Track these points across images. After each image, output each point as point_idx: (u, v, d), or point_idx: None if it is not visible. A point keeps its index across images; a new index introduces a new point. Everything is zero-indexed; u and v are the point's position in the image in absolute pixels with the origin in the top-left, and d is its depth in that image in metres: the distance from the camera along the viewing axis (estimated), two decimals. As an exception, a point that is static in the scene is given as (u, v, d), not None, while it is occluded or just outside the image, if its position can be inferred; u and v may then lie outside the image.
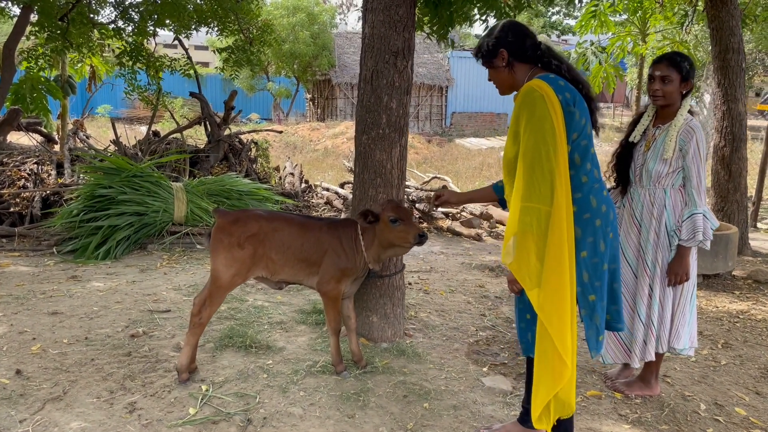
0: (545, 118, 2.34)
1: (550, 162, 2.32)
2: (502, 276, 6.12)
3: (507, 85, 2.68)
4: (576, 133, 2.42)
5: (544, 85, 2.40)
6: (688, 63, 3.32)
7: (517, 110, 2.45)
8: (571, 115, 2.40)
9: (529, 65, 2.61)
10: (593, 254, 2.48)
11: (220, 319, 4.42)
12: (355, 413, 3.19)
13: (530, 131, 2.36)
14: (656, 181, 3.36)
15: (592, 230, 2.47)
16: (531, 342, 2.58)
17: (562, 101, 2.39)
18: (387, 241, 3.36)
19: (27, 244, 6.45)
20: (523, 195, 2.36)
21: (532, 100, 2.38)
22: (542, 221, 2.32)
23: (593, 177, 2.50)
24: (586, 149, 2.47)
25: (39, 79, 8.34)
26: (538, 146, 2.33)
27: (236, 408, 3.18)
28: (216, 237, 3.37)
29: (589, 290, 2.49)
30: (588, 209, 2.47)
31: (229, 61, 8.78)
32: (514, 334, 4.45)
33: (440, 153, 20.24)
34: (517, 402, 3.38)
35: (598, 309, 2.52)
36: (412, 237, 3.27)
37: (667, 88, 3.31)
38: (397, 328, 4.18)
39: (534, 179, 2.33)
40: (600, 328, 2.54)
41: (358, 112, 4.03)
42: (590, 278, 2.48)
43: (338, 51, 27.25)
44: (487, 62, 2.68)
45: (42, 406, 3.13)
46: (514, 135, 2.48)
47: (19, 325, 4.20)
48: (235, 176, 7.58)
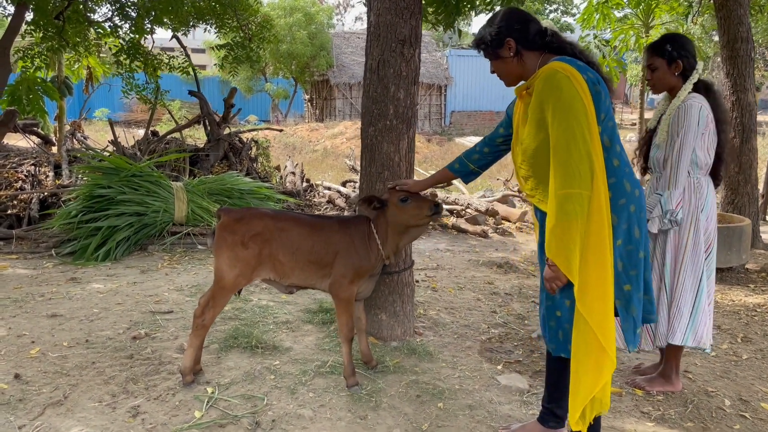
0: (575, 99, 2.21)
1: (586, 144, 2.19)
2: (510, 272, 6.00)
3: (515, 75, 2.55)
4: (603, 113, 2.30)
5: (566, 66, 2.28)
6: (670, 44, 3.25)
7: (539, 96, 2.31)
8: (598, 95, 2.27)
9: (538, 52, 2.48)
10: (628, 241, 2.35)
11: (224, 320, 4.29)
12: (367, 414, 3.07)
13: (561, 114, 2.22)
14: (659, 168, 3.31)
15: (626, 216, 2.34)
16: (562, 341, 2.45)
17: (588, 81, 2.26)
18: (402, 224, 3.20)
19: (25, 247, 6.32)
20: (563, 182, 2.21)
21: (557, 82, 2.25)
22: (585, 206, 2.18)
23: (624, 160, 2.38)
24: (614, 130, 2.36)
25: (35, 80, 8.20)
26: (572, 128, 2.19)
27: (243, 410, 3.07)
28: (219, 235, 3.24)
29: (624, 280, 2.36)
30: (623, 194, 2.34)
31: (228, 58, 8.66)
32: (527, 331, 4.33)
33: (440, 152, 20.14)
34: (535, 401, 3.26)
35: (635, 300, 2.38)
36: (427, 209, 3.13)
37: (655, 75, 3.30)
38: (407, 327, 4.06)
39: (572, 163, 2.19)
40: (637, 321, 2.40)
41: (363, 103, 3.91)
42: (625, 267, 2.35)
43: (336, 51, 27.16)
44: (492, 54, 2.54)
45: (42, 411, 3.01)
46: (537, 123, 2.35)
47: (18, 328, 4.08)
48: (236, 175, 7.46)
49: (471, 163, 3.04)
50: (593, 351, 2.23)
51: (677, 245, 3.27)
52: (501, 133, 2.89)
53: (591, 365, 2.24)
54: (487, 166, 3.06)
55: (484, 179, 13.45)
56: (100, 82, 11.31)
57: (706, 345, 3.28)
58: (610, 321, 2.23)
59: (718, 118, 3.24)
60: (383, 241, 3.26)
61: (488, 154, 2.99)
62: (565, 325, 2.41)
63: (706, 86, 3.26)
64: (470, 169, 3.05)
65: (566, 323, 2.41)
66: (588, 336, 2.23)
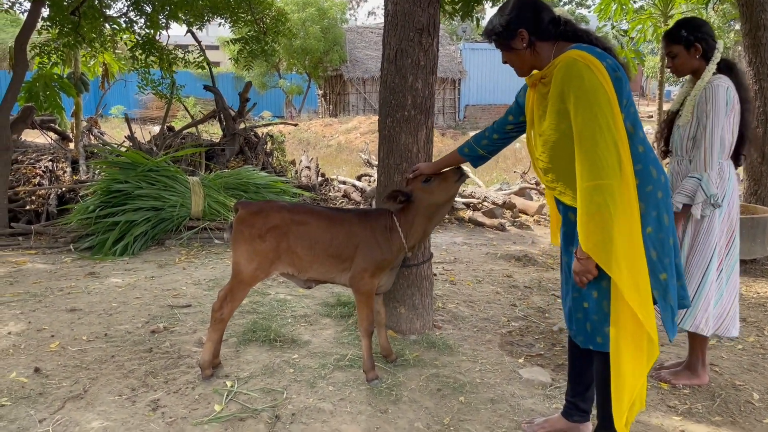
0: (598, 88, 2.14)
1: (612, 132, 2.12)
2: (529, 265, 5.94)
3: (527, 66, 2.47)
4: (626, 99, 2.23)
5: (585, 54, 2.20)
6: (685, 29, 3.19)
7: (559, 86, 2.24)
8: (619, 81, 2.20)
9: (552, 41, 2.39)
10: (659, 229, 2.28)
11: (242, 313, 4.28)
12: (387, 408, 3.04)
13: (584, 104, 2.15)
14: (682, 151, 3.26)
15: (654, 203, 2.27)
16: (590, 333, 2.38)
17: (608, 68, 2.19)
18: (433, 204, 3.16)
19: (44, 242, 6.36)
20: (590, 173, 2.14)
21: (578, 71, 2.17)
22: (615, 197, 2.12)
23: (648, 146, 2.31)
24: (636, 116, 2.29)
25: (52, 76, 8.24)
26: (597, 118, 2.12)
27: (263, 404, 3.04)
28: (237, 229, 3.21)
29: (659, 269, 2.28)
30: (650, 181, 2.27)
31: (242, 52, 8.63)
32: (548, 324, 4.27)
33: (455, 146, 19.90)
34: (558, 394, 3.20)
35: (671, 288, 2.31)
36: (453, 179, 3.12)
37: (676, 62, 3.25)
38: (426, 320, 4.01)
39: (599, 154, 2.12)
40: (675, 309, 2.34)
41: (381, 93, 3.86)
42: (659, 256, 2.28)
43: (349, 46, 27.08)
44: (504, 44, 2.45)
45: (62, 405, 3.01)
46: (558, 114, 2.28)
47: (37, 322, 4.09)
48: (251, 169, 7.44)
49: (480, 148, 3.00)
50: (634, 344, 2.19)
51: (695, 230, 3.21)
52: (510, 121, 2.84)
53: (631, 360, 2.19)
54: (496, 152, 3.03)
55: (500, 172, 13.36)
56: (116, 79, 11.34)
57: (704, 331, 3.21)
58: (650, 308, 2.18)
59: (742, 97, 3.18)
60: (407, 233, 3.21)
61: (497, 140, 2.94)
62: (593, 317, 2.35)
63: (729, 66, 3.20)
64: (479, 153, 3.01)
65: (594, 315, 2.35)
66: (627, 329, 2.18)
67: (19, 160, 7.52)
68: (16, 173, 7.26)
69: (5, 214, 6.52)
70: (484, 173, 13.25)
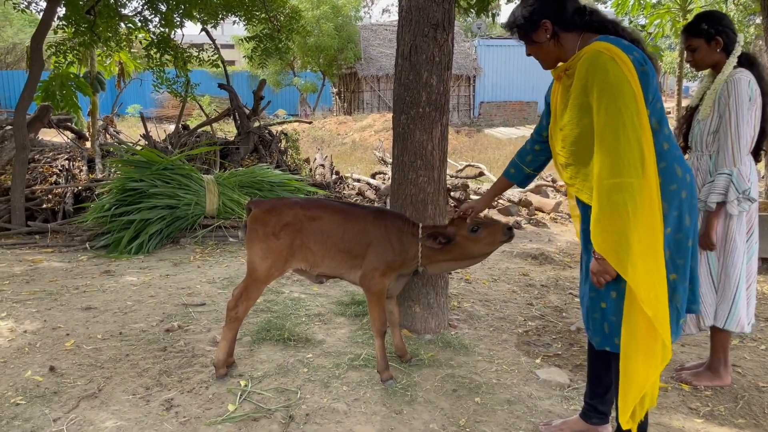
0: (623, 81, 2.07)
1: (636, 129, 2.05)
2: (546, 264, 5.86)
3: (552, 58, 2.40)
4: (651, 95, 2.16)
5: (611, 46, 2.13)
6: (706, 22, 3.13)
7: (582, 79, 2.17)
8: (646, 75, 2.13)
9: (577, 32, 2.32)
10: (678, 229, 2.21)
11: (256, 312, 4.26)
12: (402, 408, 3.00)
13: (608, 98, 2.08)
14: (702, 146, 3.18)
15: (677, 203, 2.20)
16: (608, 334, 2.32)
17: (634, 61, 2.11)
18: (471, 254, 3.10)
19: (60, 240, 6.40)
20: (611, 171, 2.07)
21: (603, 63, 2.10)
22: (635, 197, 2.04)
23: (674, 143, 2.24)
24: (662, 112, 2.22)
25: (68, 75, 8.30)
26: (621, 114, 2.05)
27: (277, 404, 3.02)
28: (251, 227, 3.20)
29: (670, 269, 2.21)
30: (674, 179, 2.19)
31: (257, 50, 8.63)
32: (565, 324, 4.20)
33: (470, 143, 19.91)
34: (577, 395, 3.14)
35: (680, 289, 2.24)
36: (500, 234, 2.99)
37: (696, 56, 3.19)
38: (441, 319, 3.97)
39: (621, 151, 2.05)
40: (681, 311, 2.27)
41: (395, 90, 3.81)
42: (672, 256, 2.21)
43: (364, 43, 27.02)
44: (527, 37, 2.38)
45: (76, 404, 3.01)
46: (580, 108, 2.21)
47: (53, 321, 4.10)
48: (266, 167, 7.44)
49: (525, 166, 2.87)
50: (645, 345, 2.12)
51: (723, 226, 3.14)
52: (545, 125, 2.71)
53: (642, 359, 2.13)
54: (543, 166, 2.89)
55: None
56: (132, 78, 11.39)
57: (746, 328, 3.18)
58: (665, 312, 2.11)
59: (764, 90, 3.10)
60: (426, 255, 3.16)
61: (540, 152, 2.82)
62: (610, 318, 2.29)
63: (750, 59, 3.12)
64: (526, 173, 2.89)
65: (612, 316, 2.28)
66: (639, 329, 2.12)
67: (35, 159, 7.57)
68: (33, 172, 7.31)
69: (22, 213, 6.57)
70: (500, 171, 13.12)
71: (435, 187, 3.80)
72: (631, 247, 2.06)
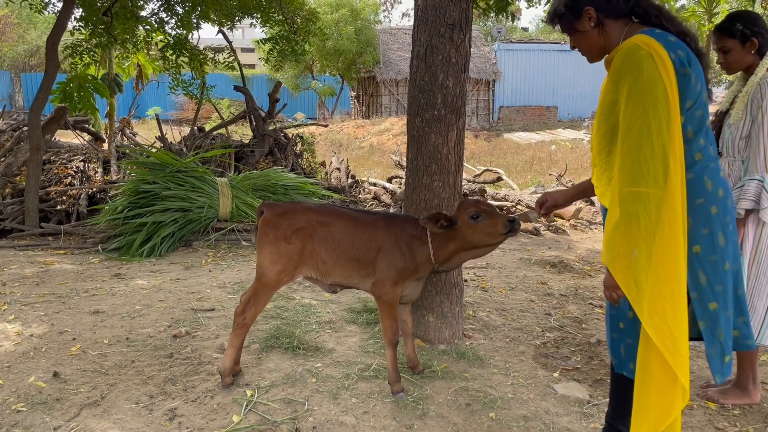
0: (656, 82, 1.89)
1: (662, 136, 1.87)
2: (565, 272, 5.70)
3: (598, 48, 2.22)
4: (691, 101, 1.98)
5: (651, 42, 1.95)
6: (740, 23, 2.98)
7: (615, 74, 2.01)
8: (686, 78, 1.95)
9: (624, 20, 2.15)
10: (711, 250, 2.02)
11: (266, 318, 4.16)
12: (413, 423, 2.88)
13: (637, 98, 1.91)
14: (734, 151, 3.04)
15: (706, 219, 2.02)
16: (624, 357, 2.15)
17: (675, 61, 1.94)
18: (471, 243, 2.95)
19: (72, 242, 6.37)
20: (629, 178, 1.90)
21: (638, 59, 1.93)
22: (652, 210, 1.86)
23: (708, 154, 2.05)
24: (701, 121, 2.03)
25: (86, 77, 8.31)
26: (647, 117, 1.88)
27: (283, 415, 2.91)
28: (262, 230, 3.11)
29: (709, 296, 2.02)
30: (702, 193, 2.01)
31: (272, 52, 8.57)
32: (585, 336, 4.05)
33: (488, 148, 19.72)
34: (597, 412, 2.99)
35: (722, 321, 2.03)
36: (501, 226, 2.83)
37: (729, 57, 3.04)
38: (455, 329, 3.83)
39: (642, 158, 1.88)
40: (725, 346, 2.05)
41: (410, 92, 3.70)
42: (709, 281, 2.01)
43: (383, 47, 26.95)
44: (570, 27, 2.21)
45: (78, 412, 2.93)
46: (610, 104, 2.05)
47: (60, 324, 4.04)
48: (280, 170, 7.36)
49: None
50: (660, 381, 1.91)
51: (754, 235, 2.98)
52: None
53: (657, 398, 1.92)
54: None
55: (535, 174, 13.08)
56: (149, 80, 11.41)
57: None
58: (683, 343, 1.89)
59: None
60: (437, 252, 3.03)
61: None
62: (627, 340, 2.11)
63: None
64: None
65: (628, 338, 2.10)
66: (653, 362, 1.91)
67: (51, 160, 7.57)
68: (48, 173, 7.31)
69: (36, 214, 6.56)
70: (518, 176, 12.98)
71: (450, 193, 3.67)
72: (644, 265, 1.88)
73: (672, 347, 1.87)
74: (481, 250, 3.04)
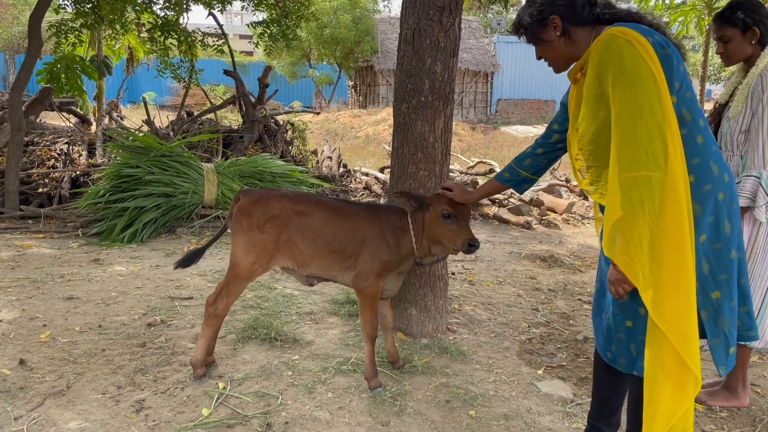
0: (640, 65, 1.81)
1: (656, 116, 1.78)
2: (555, 267, 5.59)
3: (564, 58, 2.16)
4: (678, 81, 1.89)
5: (626, 30, 1.89)
6: (742, 11, 2.86)
7: (596, 68, 1.92)
8: (668, 59, 1.86)
9: (590, 26, 2.08)
10: (716, 238, 1.92)
11: (244, 308, 4.05)
12: (389, 420, 2.77)
13: (623, 84, 1.83)
14: (733, 146, 2.92)
15: (713, 206, 1.91)
16: (636, 356, 2.02)
17: (654, 44, 1.86)
18: (432, 236, 2.87)
19: (53, 226, 6.22)
20: (627, 164, 1.81)
21: (617, 48, 1.86)
22: (656, 193, 1.77)
23: (710, 138, 1.95)
24: (693, 102, 1.93)
25: (74, 58, 8.13)
26: (638, 100, 1.80)
27: (255, 410, 2.81)
28: (236, 218, 2.98)
29: (711, 285, 1.92)
30: (709, 179, 1.91)
31: (263, 36, 8.39)
32: (572, 332, 3.94)
33: (485, 140, 19.58)
34: (580, 412, 2.89)
35: (726, 311, 1.94)
36: (460, 242, 2.76)
37: (729, 47, 2.93)
38: (438, 323, 3.72)
39: (638, 141, 1.79)
40: (730, 337, 1.96)
41: (397, 77, 3.57)
42: (712, 270, 1.92)
43: (381, 37, 26.70)
44: (536, 37, 2.15)
45: (42, 402, 2.82)
46: (596, 99, 1.95)
47: (32, 310, 3.91)
48: (268, 157, 7.20)
49: (523, 169, 2.62)
50: (672, 371, 1.83)
51: (750, 234, 2.87)
52: (556, 129, 2.47)
53: (669, 388, 1.84)
54: (543, 171, 2.64)
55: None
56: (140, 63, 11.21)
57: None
58: (693, 332, 1.82)
59: None
60: (418, 236, 2.92)
61: (542, 156, 2.57)
62: (639, 337, 1.99)
63: None
64: (522, 176, 2.63)
65: (640, 335, 1.97)
66: (666, 353, 1.83)
67: (34, 141, 7.40)
68: (31, 155, 7.14)
69: (16, 197, 6.40)
70: (513, 169, 12.83)
71: (436, 182, 3.54)
72: (655, 254, 1.80)
73: (681, 336, 1.81)
74: (440, 248, 2.94)
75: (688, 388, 1.84)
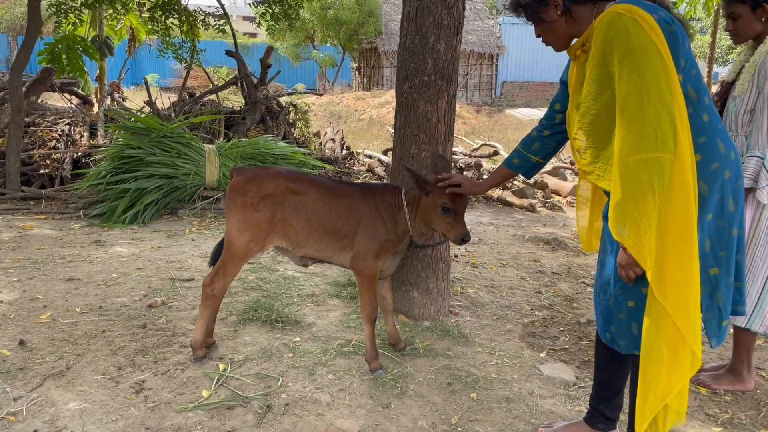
0: (647, 44, 1.76)
1: (664, 97, 1.74)
2: (559, 250, 5.55)
3: (564, 38, 2.10)
4: (683, 59, 1.84)
5: (631, 7, 1.82)
6: None
7: (601, 47, 1.86)
8: (674, 35, 1.81)
9: (592, 3, 2.02)
10: (720, 216, 1.90)
11: (246, 290, 4.03)
12: (390, 402, 2.75)
13: (630, 65, 1.78)
14: (737, 126, 2.86)
15: (720, 185, 1.88)
16: (637, 336, 1.99)
17: (660, 21, 1.81)
18: (426, 221, 2.85)
19: (54, 207, 6.20)
20: (634, 146, 1.76)
21: (623, 26, 1.80)
22: (665, 175, 1.74)
23: (716, 116, 1.92)
24: (698, 80, 1.89)
25: (75, 38, 8.05)
26: (645, 80, 1.75)
27: (255, 391, 2.79)
28: (229, 197, 2.93)
29: (711, 262, 1.91)
30: (716, 157, 1.88)
31: (265, 15, 8.29)
32: (575, 315, 3.91)
33: (489, 123, 19.45)
34: (582, 395, 2.87)
35: (722, 286, 1.94)
36: (453, 235, 2.74)
37: (738, 24, 2.83)
38: (440, 305, 3.69)
39: (647, 122, 1.74)
40: (724, 311, 1.96)
41: (399, 55, 3.51)
42: (713, 247, 1.91)
43: (385, 18, 26.45)
44: (535, 16, 2.08)
45: (41, 382, 2.81)
46: (600, 79, 1.90)
47: (32, 291, 3.90)
48: (270, 139, 7.15)
49: (532, 154, 2.55)
50: (670, 345, 1.82)
51: (753, 216, 2.82)
52: (558, 110, 2.41)
53: (666, 363, 1.83)
54: (552, 155, 2.58)
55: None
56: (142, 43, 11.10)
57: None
58: (696, 312, 1.81)
59: None
60: (412, 214, 2.89)
61: (549, 138, 2.51)
62: (639, 318, 1.96)
63: None
64: (533, 162, 2.57)
65: (640, 315, 1.97)
66: (664, 329, 1.82)
67: (36, 122, 7.36)
68: (32, 136, 7.10)
69: (17, 178, 6.37)
70: (517, 151, 12.74)
71: (439, 163, 3.49)
72: (660, 234, 1.77)
73: (684, 315, 1.80)
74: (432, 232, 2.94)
75: (686, 364, 1.82)
